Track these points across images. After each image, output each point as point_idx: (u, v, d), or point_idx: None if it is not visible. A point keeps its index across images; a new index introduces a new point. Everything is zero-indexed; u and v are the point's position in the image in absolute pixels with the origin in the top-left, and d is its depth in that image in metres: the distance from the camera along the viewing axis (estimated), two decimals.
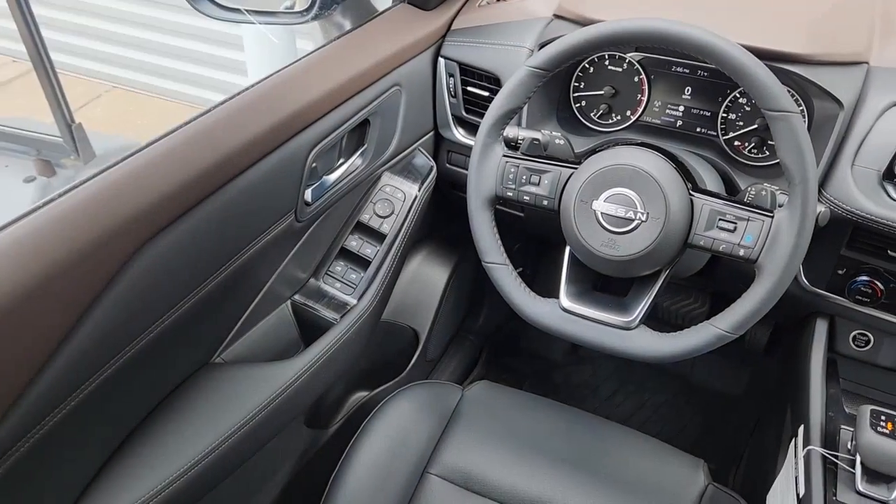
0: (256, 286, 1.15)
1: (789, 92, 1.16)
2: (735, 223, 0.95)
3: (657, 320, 1.94)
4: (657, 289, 1.04)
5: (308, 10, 1.26)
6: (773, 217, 0.94)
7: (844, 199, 1.07)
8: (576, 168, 1.04)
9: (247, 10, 1.29)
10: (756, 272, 0.95)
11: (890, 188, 1.05)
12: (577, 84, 1.34)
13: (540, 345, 2.03)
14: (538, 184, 1.06)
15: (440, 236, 1.67)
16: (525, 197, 1.07)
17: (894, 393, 1.25)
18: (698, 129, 1.28)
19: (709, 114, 1.26)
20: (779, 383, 1.51)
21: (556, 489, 1.12)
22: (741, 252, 0.95)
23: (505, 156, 1.08)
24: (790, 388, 1.27)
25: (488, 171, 1.08)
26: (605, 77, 1.31)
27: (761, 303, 0.95)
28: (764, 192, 1.03)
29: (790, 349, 1.36)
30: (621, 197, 0.98)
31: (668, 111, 1.29)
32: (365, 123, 1.25)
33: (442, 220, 1.58)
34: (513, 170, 1.07)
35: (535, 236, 1.69)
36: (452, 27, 1.39)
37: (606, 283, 1.12)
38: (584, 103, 1.34)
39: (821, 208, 1.02)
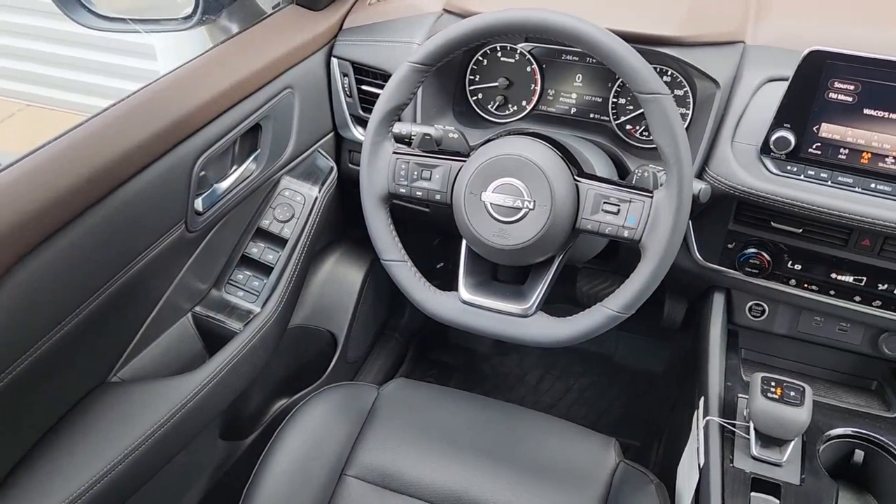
0: (151, 300, 1.12)
1: (672, 74, 1.20)
2: (618, 205, 0.97)
3: (578, 305, 1.97)
4: (552, 275, 1.05)
5: (191, 15, 1.24)
6: (652, 197, 0.96)
7: (726, 174, 1.10)
8: (465, 161, 1.05)
9: (129, 20, 1.26)
10: (641, 252, 0.98)
11: (767, 162, 1.09)
12: (472, 77, 1.34)
13: (466, 338, 2.04)
14: (429, 179, 1.06)
15: (353, 236, 1.66)
16: (418, 192, 1.07)
17: (790, 358, 1.30)
18: (592, 115, 1.30)
19: (600, 99, 1.29)
20: (689, 358, 1.55)
21: (473, 479, 1.13)
22: (625, 233, 0.97)
23: (395, 152, 1.08)
24: (694, 362, 1.30)
25: (379, 169, 1.08)
26: (499, 69, 1.32)
27: (647, 281, 0.97)
28: (646, 174, 1.06)
29: (695, 324, 1.39)
30: (508, 187, 0.99)
31: (561, 99, 1.31)
32: (257, 128, 1.23)
33: (352, 221, 1.57)
34: (403, 166, 1.07)
35: (443, 231, 1.70)
36: (344, 26, 1.39)
37: (507, 273, 1.13)
38: (480, 96, 1.35)
39: (701, 185, 1.05)
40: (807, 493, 1.01)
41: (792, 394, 1.03)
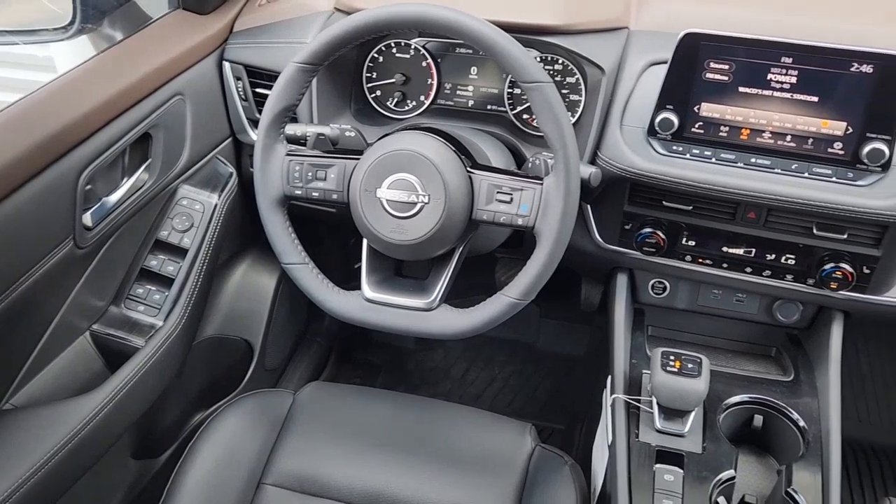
0: (43, 321, 1.08)
1: (563, 62, 1.22)
2: (511, 194, 0.99)
3: (494, 291, 2.00)
4: (453, 267, 1.06)
5: (70, 24, 1.19)
6: (542, 184, 0.98)
7: (616, 157, 1.13)
8: (359, 159, 1.04)
9: (3, 31, 1.21)
10: (536, 238, 0.99)
11: (654, 143, 1.12)
12: (369, 75, 1.34)
13: (390, 336, 2.04)
14: (325, 179, 1.06)
15: (264, 242, 1.63)
16: (314, 193, 1.06)
17: (694, 331, 1.35)
18: (489, 107, 1.32)
19: (496, 91, 1.30)
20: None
21: (391, 476, 1.13)
22: (520, 221, 0.99)
23: (289, 154, 1.07)
24: (604, 342, 1.34)
25: (273, 172, 1.06)
26: (395, 65, 1.32)
27: (543, 267, 0.99)
28: (538, 161, 1.08)
29: (605, 305, 1.43)
30: (402, 182, 0.99)
31: (458, 92, 1.32)
32: (146, 137, 1.20)
33: (260, 226, 1.55)
34: (298, 168, 1.06)
35: (356, 230, 1.70)
36: (234, 29, 1.36)
37: (409, 268, 1.13)
38: (378, 93, 1.35)
39: (591, 169, 1.07)
40: (707, 461, 1.05)
41: (690, 366, 1.07)
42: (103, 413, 1.07)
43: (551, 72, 1.24)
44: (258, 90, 1.33)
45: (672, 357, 1.08)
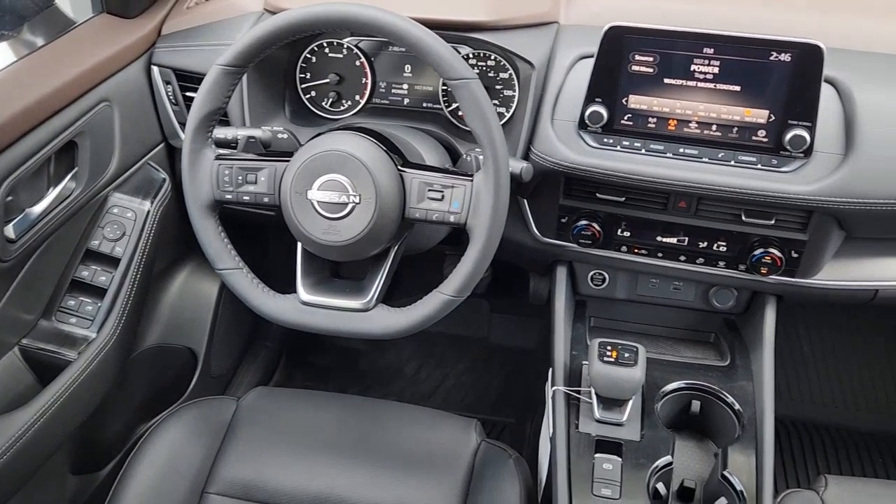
0: None
1: (495, 58, 1.23)
2: (442, 192, 0.99)
3: None
4: (388, 266, 1.06)
5: None
6: (472, 181, 0.98)
7: (549, 152, 1.14)
8: (289, 161, 1.03)
9: None
10: (469, 235, 0.99)
11: (586, 136, 1.13)
12: (302, 75, 1.33)
13: (341, 337, 2.03)
14: (255, 182, 1.04)
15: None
16: (245, 197, 1.05)
17: (635, 321, 1.37)
18: (425, 105, 1.31)
19: (431, 88, 1.30)
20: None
21: (337, 478, 1.12)
22: (451, 218, 0.99)
23: (218, 158, 1.05)
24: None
25: (201, 177, 1.05)
26: (329, 65, 1.31)
27: (476, 263, 0.99)
28: (469, 158, 1.08)
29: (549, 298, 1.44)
30: (333, 183, 0.99)
31: (394, 91, 1.32)
32: (72, 145, 1.17)
33: None
34: (227, 172, 1.04)
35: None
36: (162, 32, 1.34)
37: (346, 268, 1.13)
38: (313, 94, 1.34)
39: (522, 164, 1.08)
40: (645, 448, 1.06)
41: (626, 355, 1.08)
42: (35, 428, 1.04)
43: (484, 68, 1.24)
44: (188, 94, 1.31)
45: (609, 347, 1.09)
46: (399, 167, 1.01)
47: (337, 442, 1.18)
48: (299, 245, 1.08)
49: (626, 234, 1.21)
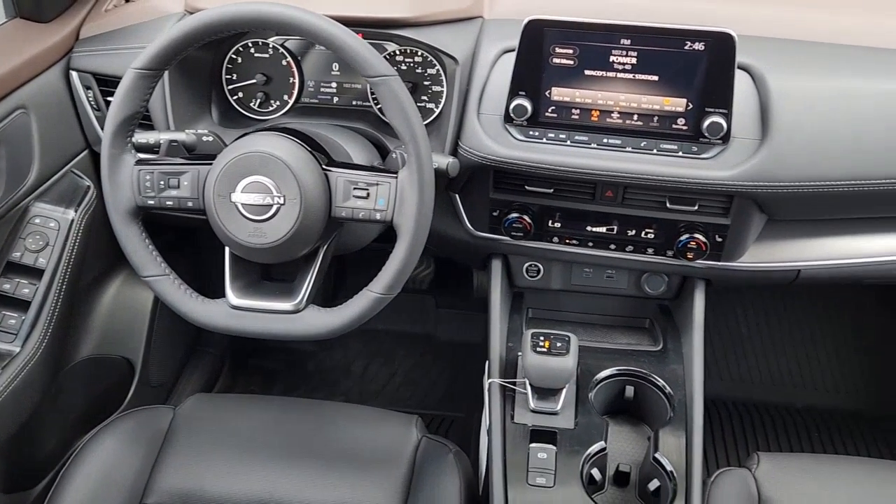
0: None
1: (422, 54, 1.23)
2: (367, 189, 0.99)
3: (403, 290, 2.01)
4: (318, 267, 1.05)
5: None
6: (397, 178, 0.98)
7: (476, 146, 1.14)
8: (212, 164, 1.02)
9: None
10: (396, 232, 0.99)
11: (512, 130, 1.14)
12: (229, 77, 1.31)
13: (276, 340, 2.01)
14: (178, 186, 1.03)
15: None
16: (168, 202, 1.03)
17: (572, 310, 1.38)
18: (354, 103, 1.31)
19: (360, 86, 1.29)
20: None
21: (277, 482, 1.11)
22: (378, 216, 0.99)
23: (138, 163, 1.03)
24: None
25: (122, 183, 1.03)
26: (255, 65, 1.29)
27: (405, 260, 0.99)
28: (395, 155, 1.08)
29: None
30: (256, 185, 0.98)
31: (322, 89, 1.31)
32: None
33: None
34: (148, 177, 1.03)
35: None
36: (80, 36, 1.30)
37: (276, 270, 1.12)
38: (241, 95, 1.32)
39: (448, 159, 1.08)
40: (579, 435, 1.08)
41: (559, 344, 1.09)
42: None
43: (411, 64, 1.24)
44: (110, 99, 1.28)
45: (542, 337, 1.10)
46: (324, 166, 1.00)
47: (276, 445, 1.17)
48: (227, 249, 1.07)
49: (557, 225, 1.22)
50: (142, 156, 1.05)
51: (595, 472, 1.06)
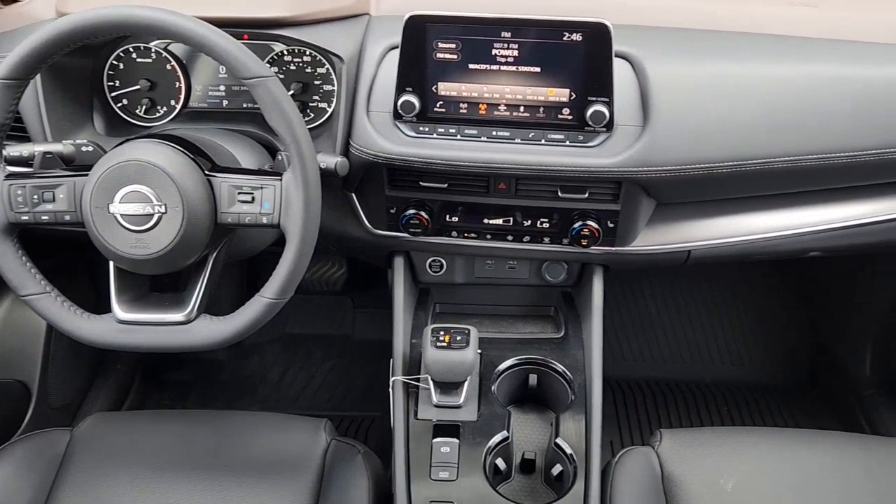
0: None
1: (311, 54, 1.21)
2: (252, 193, 0.97)
3: (303, 291, 1.98)
4: (207, 275, 1.03)
5: None
6: (281, 180, 0.96)
7: (367, 144, 1.14)
8: (87, 175, 0.98)
9: None
10: (285, 235, 0.98)
11: (402, 126, 1.14)
12: (111, 83, 1.26)
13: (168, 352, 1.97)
14: (53, 200, 0.99)
15: None
16: (43, 217, 0.99)
17: (480, 303, 1.39)
18: (245, 105, 1.28)
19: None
20: None
21: (183, 497, 1.08)
22: (265, 220, 0.97)
23: (8, 178, 0.98)
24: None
25: None
26: (138, 71, 1.25)
27: (295, 263, 0.98)
28: (280, 157, 1.06)
29: None
30: (136, 194, 0.95)
31: (211, 93, 1.27)
32: None
33: None
34: (20, 192, 0.98)
35: None
36: None
37: (165, 281, 1.08)
38: (125, 101, 1.27)
39: (336, 159, 1.07)
40: (482, 427, 1.09)
41: (459, 338, 1.10)
42: None
43: (300, 64, 1.22)
44: None
45: (442, 332, 1.11)
46: (206, 172, 0.98)
47: (182, 460, 1.14)
48: (111, 262, 1.03)
49: (455, 219, 1.23)
50: (13, 169, 1.01)
51: (500, 462, 1.07)
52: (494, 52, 1.08)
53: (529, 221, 1.21)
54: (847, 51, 1.17)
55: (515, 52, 1.07)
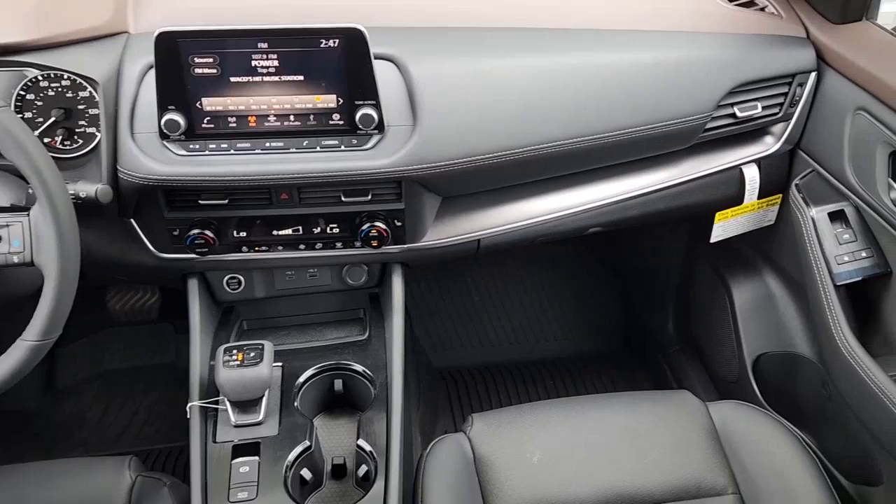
0: None
1: (71, 78, 1.14)
2: None
3: (116, 323, 1.88)
4: None
5: None
6: (28, 216, 0.91)
7: (134, 168, 1.09)
8: None
9: None
10: (42, 272, 0.93)
11: (171, 146, 1.10)
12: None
13: (2, 399, 1.82)
14: None
15: None
16: None
17: (291, 314, 1.38)
18: None
19: None
20: None
21: None
22: (15, 259, 0.92)
23: None
24: None
25: None
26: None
27: (57, 300, 0.93)
28: (31, 191, 1.00)
29: None
30: None
31: None
32: None
33: None
34: None
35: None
36: None
37: None
38: None
39: (96, 186, 1.03)
40: (283, 440, 1.08)
41: (252, 354, 1.08)
42: None
43: (60, 89, 1.14)
44: None
45: (234, 351, 1.09)
46: None
47: None
48: None
49: (243, 233, 1.20)
50: None
51: (305, 473, 1.06)
52: (254, 63, 1.06)
53: (318, 228, 1.21)
54: (597, 39, 1.26)
55: (276, 63, 1.07)
